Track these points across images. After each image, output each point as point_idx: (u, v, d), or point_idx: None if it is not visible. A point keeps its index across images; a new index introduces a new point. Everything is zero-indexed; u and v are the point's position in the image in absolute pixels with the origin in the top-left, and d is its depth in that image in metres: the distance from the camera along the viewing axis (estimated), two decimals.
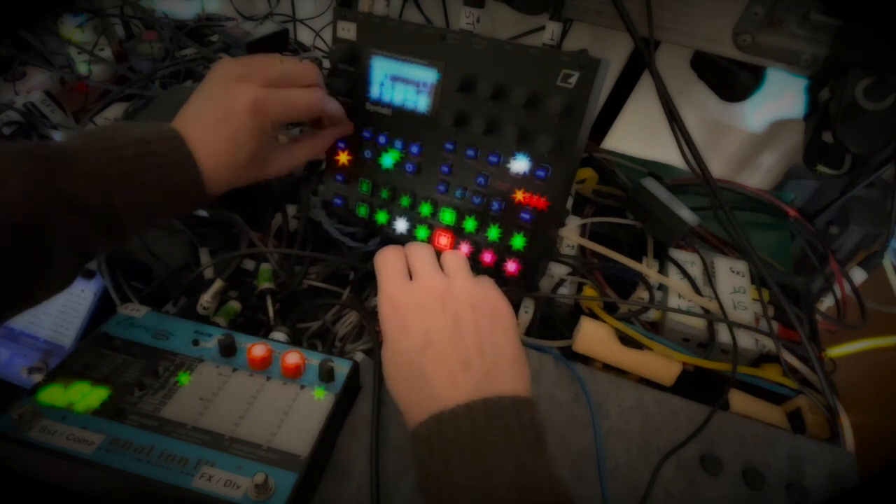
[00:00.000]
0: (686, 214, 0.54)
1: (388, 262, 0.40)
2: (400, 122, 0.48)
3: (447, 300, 0.36)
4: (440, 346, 0.34)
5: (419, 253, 0.41)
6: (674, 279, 0.54)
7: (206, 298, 0.48)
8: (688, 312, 0.50)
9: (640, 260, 0.55)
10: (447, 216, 0.48)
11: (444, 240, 0.49)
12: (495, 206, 0.46)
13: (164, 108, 0.63)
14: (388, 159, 0.48)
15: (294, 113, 0.43)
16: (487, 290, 0.38)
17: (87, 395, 0.36)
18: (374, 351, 0.43)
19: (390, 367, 0.36)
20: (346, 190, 0.52)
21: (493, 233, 0.46)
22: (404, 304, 0.37)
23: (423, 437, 0.32)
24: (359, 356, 0.47)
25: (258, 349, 0.40)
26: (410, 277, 0.39)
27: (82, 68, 0.75)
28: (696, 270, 0.55)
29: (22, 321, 0.51)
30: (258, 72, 0.42)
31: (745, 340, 0.49)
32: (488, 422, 0.31)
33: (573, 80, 0.41)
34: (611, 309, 0.51)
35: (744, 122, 1.15)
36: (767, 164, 1.17)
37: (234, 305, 0.49)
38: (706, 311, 0.51)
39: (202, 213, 0.55)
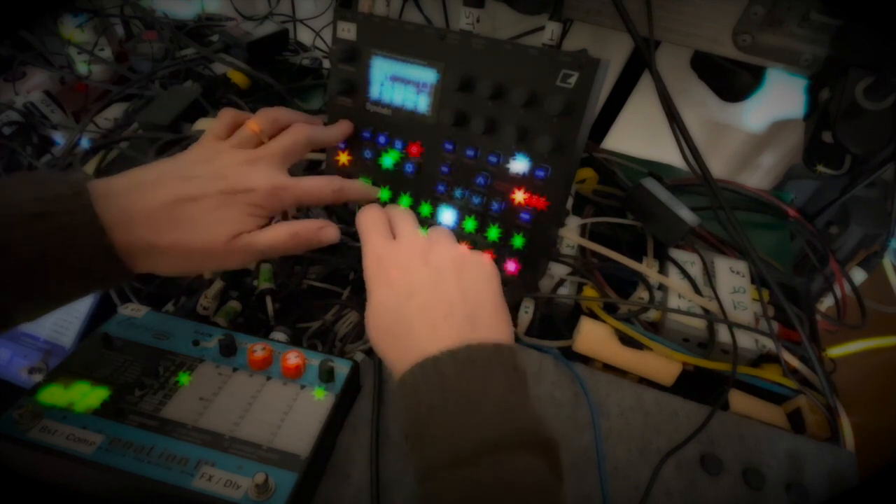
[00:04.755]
0: (686, 214, 0.54)
1: (371, 221, 0.41)
2: (400, 122, 0.48)
3: (429, 255, 0.38)
4: (423, 296, 0.35)
5: (401, 214, 0.42)
6: (674, 279, 0.54)
7: (207, 298, 0.48)
8: (688, 313, 0.50)
9: (640, 260, 0.55)
10: (447, 216, 0.48)
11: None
12: (495, 206, 0.46)
13: (164, 107, 0.63)
14: (388, 159, 0.48)
15: (306, 202, 0.42)
16: (472, 252, 0.39)
17: (87, 395, 0.36)
18: (375, 351, 0.43)
19: (374, 320, 0.37)
20: None
21: (493, 233, 0.46)
22: (388, 259, 0.38)
23: (409, 384, 0.32)
24: (359, 356, 0.47)
25: (258, 349, 0.40)
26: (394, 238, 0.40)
27: (82, 68, 0.75)
28: (696, 270, 0.55)
29: None
30: (268, 153, 0.40)
31: (745, 340, 0.49)
32: (471, 365, 0.32)
33: (573, 80, 0.41)
34: (611, 309, 0.51)
35: (744, 122, 1.15)
36: (767, 164, 1.17)
37: (234, 305, 0.49)
38: (706, 311, 0.51)
39: None
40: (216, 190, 0.37)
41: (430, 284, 0.36)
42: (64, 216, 0.31)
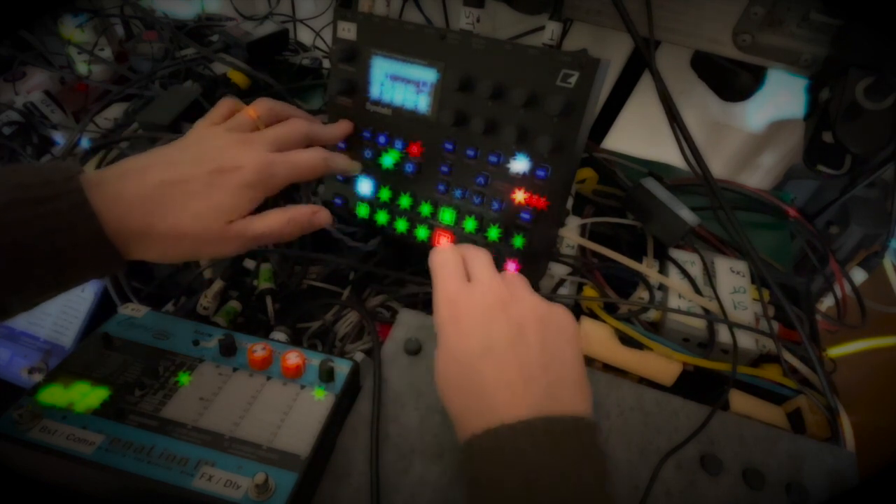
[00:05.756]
0: (686, 214, 0.54)
1: (446, 260, 0.37)
2: (400, 122, 0.48)
3: (511, 306, 0.34)
4: (501, 354, 0.32)
5: (479, 255, 0.38)
6: (674, 279, 0.54)
7: (207, 298, 0.48)
8: (688, 313, 0.50)
9: (640, 260, 0.55)
10: (447, 216, 0.48)
11: (444, 240, 0.49)
12: (495, 205, 0.46)
13: (164, 107, 0.63)
14: (388, 159, 0.48)
15: (298, 175, 0.41)
16: (553, 305, 0.36)
17: (87, 395, 0.36)
18: (374, 351, 0.43)
19: (445, 371, 0.34)
20: (347, 190, 0.52)
21: (493, 233, 0.46)
22: (465, 305, 0.34)
23: (478, 452, 0.30)
24: (359, 356, 0.47)
25: (258, 349, 0.40)
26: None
27: (82, 68, 0.75)
28: (696, 270, 0.55)
29: (22, 321, 0.51)
30: (260, 137, 0.40)
31: (745, 340, 0.49)
32: (549, 443, 0.29)
33: (573, 79, 0.41)
34: (611, 309, 0.51)
35: (744, 122, 1.15)
36: (767, 164, 1.17)
37: (234, 305, 0.49)
38: (706, 311, 0.51)
39: None
40: (205, 171, 0.36)
41: (508, 341, 0.32)
42: (54, 200, 0.31)
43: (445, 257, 0.38)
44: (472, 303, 0.34)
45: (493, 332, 0.33)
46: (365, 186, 0.51)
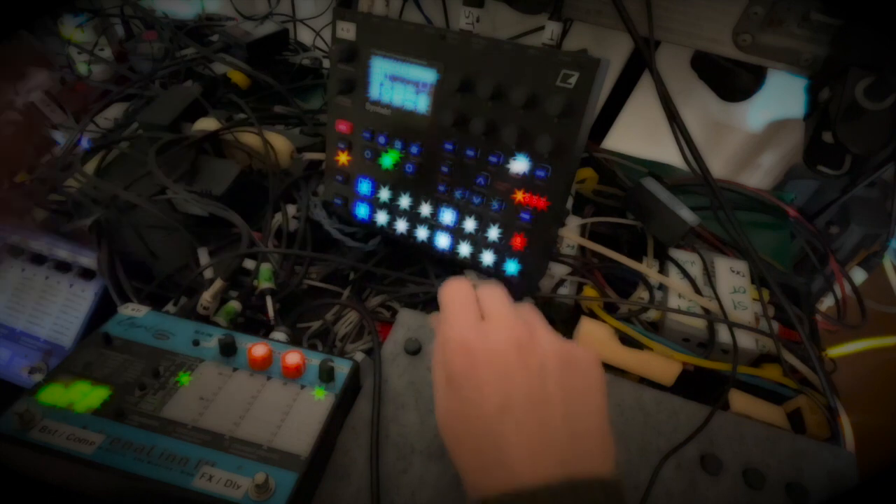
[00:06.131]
0: (686, 214, 0.54)
1: (457, 295, 0.34)
2: (400, 122, 0.48)
3: (530, 351, 0.31)
4: (521, 410, 0.29)
5: (493, 291, 0.35)
6: (674, 279, 0.54)
7: (207, 298, 0.48)
8: (688, 313, 0.50)
9: (640, 260, 0.55)
10: (447, 216, 0.48)
11: (443, 240, 0.49)
12: (495, 206, 0.46)
13: (164, 107, 0.63)
14: (388, 159, 0.48)
15: None
16: (574, 346, 0.33)
17: (87, 395, 0.36)
18: (374, 351, 0.43)
19: (456, 426, 0.31)
20: (346, 190, 0.52)
21: (493, 233, 0.46)
22: (480, 351, 0.31)
23: None
24: (359, 356, 0.47)
25: (258, 349, 0.40)
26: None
27: (82, 68, 0.75)
28: (696, 270, 0.55)
29: (22, 321, 0.51)
30: None
31: (745, 340, 0.49)
32: None
33: (573, 80, 0.41)
34: (611, 309, 0.51)
35: (744, 122, 1.15)
36: (767, 164, 1.17)
37: (234, 305, 0.49)
38: (706, 311, 0.51)
39: (202, 213, 0.55)
40: None
41: (528, 396, 0.30)
42: None
43: (456, 293, 0.34)
44: (487, 349, 0.31)
45: (512, 387, 0.30)
46: (364, 187, 0.51)
